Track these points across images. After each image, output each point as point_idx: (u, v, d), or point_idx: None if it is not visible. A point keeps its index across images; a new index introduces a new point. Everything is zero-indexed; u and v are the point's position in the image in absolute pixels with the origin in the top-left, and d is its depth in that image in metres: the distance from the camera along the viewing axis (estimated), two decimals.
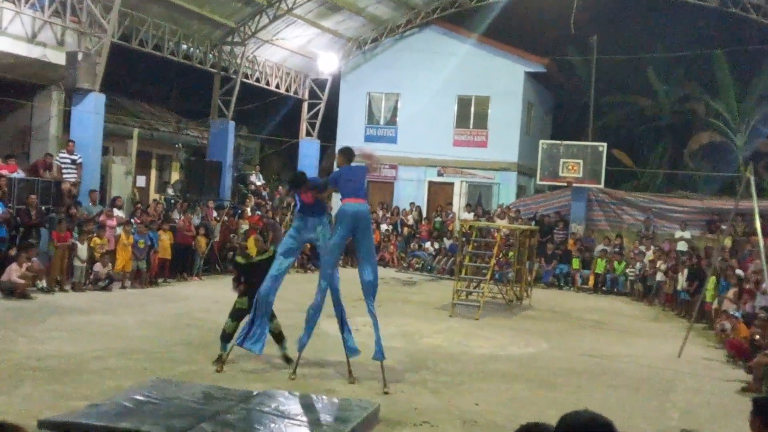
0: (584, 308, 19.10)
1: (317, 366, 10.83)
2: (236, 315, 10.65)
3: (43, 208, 16.89)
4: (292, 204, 24.93)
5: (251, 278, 10.61)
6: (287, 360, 10.63)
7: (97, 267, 16.41)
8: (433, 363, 11.37)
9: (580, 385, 10.91)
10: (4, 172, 16.74)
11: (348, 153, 10.61)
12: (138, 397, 8.03)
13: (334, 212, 13.04)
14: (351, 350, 10.28)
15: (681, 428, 3.41)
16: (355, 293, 18.28)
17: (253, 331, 10.26)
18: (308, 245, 16.13)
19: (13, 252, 14.91)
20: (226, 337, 10.54)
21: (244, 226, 21.56)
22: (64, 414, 7.49)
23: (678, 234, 23.77)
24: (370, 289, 10.15)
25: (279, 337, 10.72)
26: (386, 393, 9.48)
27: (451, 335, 14.11)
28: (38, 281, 15.16)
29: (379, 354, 10.00)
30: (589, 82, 29.80)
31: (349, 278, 11.09)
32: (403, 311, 16.34)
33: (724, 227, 19.56)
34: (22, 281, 14.45)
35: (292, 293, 13.88)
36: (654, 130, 32.58)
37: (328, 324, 12.14)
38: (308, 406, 8.34)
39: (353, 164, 10.54)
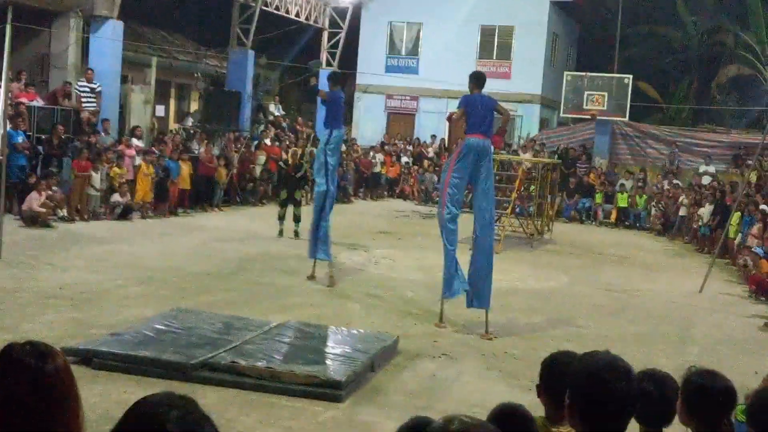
0: (606, 243, 18.98)
1: (339, 297, 10.86)
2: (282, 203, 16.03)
3: (63, 136, 16.85)
4: (313, 135, 24.80)
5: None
6: (296, 234, 15.26)
7: (116, 197, 16.41)
8: None
9: (601, 319, 10.88)
10: (24, 99, 16.67)
11: (479, 79, 9.55)
12: (159, 326, 8.09)
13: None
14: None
15: (690, 365, 3.33)
16: (374, 224, 18.31)
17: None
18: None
19: (33, 180, 14.91)
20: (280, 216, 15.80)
21: (262, 156, 21.46)
22: (86, 342, 7.55)
23: (702, 168, 23.45)
24: (487, 233, 9.54)
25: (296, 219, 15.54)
26: (490, 339, 9.23)
27: None
28: (59, 210, 15.19)
29: (485, 302, 9.56)
30: (616, 13, 29.08)
31: (366, 209, 10.98)
32: (422, 245, 16.28)
33: (749, 162, 19.23)
34: (43, 210, 14.49)
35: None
36: (681, 62, 31.91)
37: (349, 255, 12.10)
38: (327, 337, 8.37)
39: (484, 94, 9.56)
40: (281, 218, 15.86)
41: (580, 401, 2.42)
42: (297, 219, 15.78)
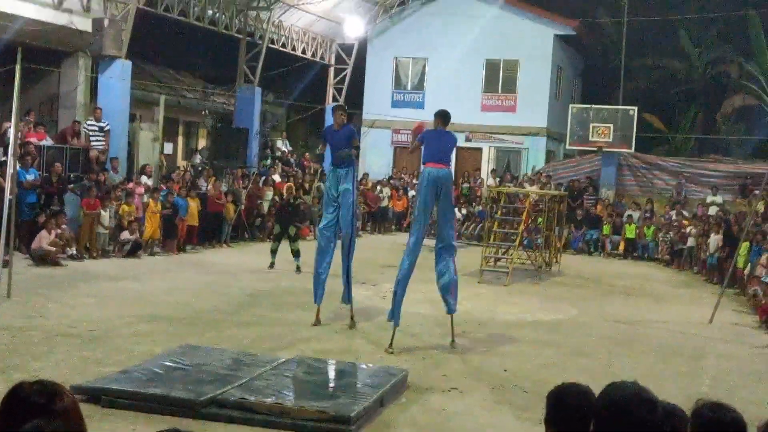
0: (614, 274, 18.93)
1: (347, 332, 10.84)
2: (276, 237, 16.38)
3: (71, 176, 16.97)
4: (320, 170, 24.92)
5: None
6: (298, 269, 15.41)
7: (125, 234, 16.48)
8: (462, 329, 11.31)
9: (610, 351, 10.82)
10: (33, 139, 16.82)
11: (445, 117, 10.41)
12: (168, 363, 8.08)
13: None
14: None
15: (699, 398, 3.34)
16: (381, 258, 18.30)
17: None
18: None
19: (42, 219, 14.99)
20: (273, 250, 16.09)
21: (270, 192, 21.54)
22: (95, 380, 7.55)
23: (710, 199, 23.43)
24: (449, 254, 10.60)
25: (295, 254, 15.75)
26: (452, 345, 10.01)
27: (480, 302, 14.04)
28: (68, 248, 15.26)
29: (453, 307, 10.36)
30: (620, 45, 29.28)
31: (374, 243, 11.00)
32: (430, 278, 16.22)
33: (757, 192, 19.23)
34: (52, 248, 14.56)
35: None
36: (686, 93, 32.03)
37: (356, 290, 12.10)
38: (336, 372, 8.35)
39: (447, 130, 10.43)
40: (273, 252, 16.08)
41: (604, 431, 2.44)
42: (296, 254, 15.76)
